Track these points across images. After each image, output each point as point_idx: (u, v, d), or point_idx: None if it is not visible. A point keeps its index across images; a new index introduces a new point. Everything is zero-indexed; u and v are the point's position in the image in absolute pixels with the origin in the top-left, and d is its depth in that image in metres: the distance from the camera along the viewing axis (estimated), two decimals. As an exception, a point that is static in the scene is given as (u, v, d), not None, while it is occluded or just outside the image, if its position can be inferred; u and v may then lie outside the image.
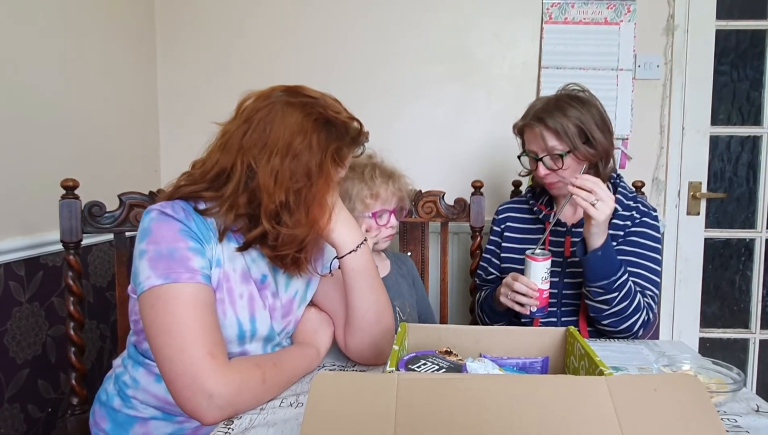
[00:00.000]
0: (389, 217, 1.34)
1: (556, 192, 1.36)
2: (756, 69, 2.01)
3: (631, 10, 1.90)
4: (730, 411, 0.86)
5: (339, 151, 0.95)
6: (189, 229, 0.90)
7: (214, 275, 0.92)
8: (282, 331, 1.04)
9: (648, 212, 1.36)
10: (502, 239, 1.47)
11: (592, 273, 1.22)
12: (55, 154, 1.51)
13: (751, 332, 2.07)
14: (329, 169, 0.93)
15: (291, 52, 1.99)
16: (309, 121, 0.92)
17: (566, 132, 1.27)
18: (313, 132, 0.92)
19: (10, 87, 1.36)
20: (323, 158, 0.92)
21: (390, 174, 1.35)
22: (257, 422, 0.83)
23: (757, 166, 2.03)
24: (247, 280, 0.98)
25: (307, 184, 0.91)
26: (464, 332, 0.99)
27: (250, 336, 0.97)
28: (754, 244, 2.05)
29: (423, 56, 1.97)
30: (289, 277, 1.05)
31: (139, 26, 1.93)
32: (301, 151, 0.91)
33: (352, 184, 1.31)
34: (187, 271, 0.86)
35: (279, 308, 1.03)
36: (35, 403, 1.44)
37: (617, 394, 0.58)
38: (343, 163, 0.97)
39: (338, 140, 0.95)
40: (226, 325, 0.93)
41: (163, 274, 0.85)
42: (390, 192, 1.33)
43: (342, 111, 0.97)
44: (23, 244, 1.38)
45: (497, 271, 1.47)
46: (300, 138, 0.91)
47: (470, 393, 0.59)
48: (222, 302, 0.92)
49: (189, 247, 0.88)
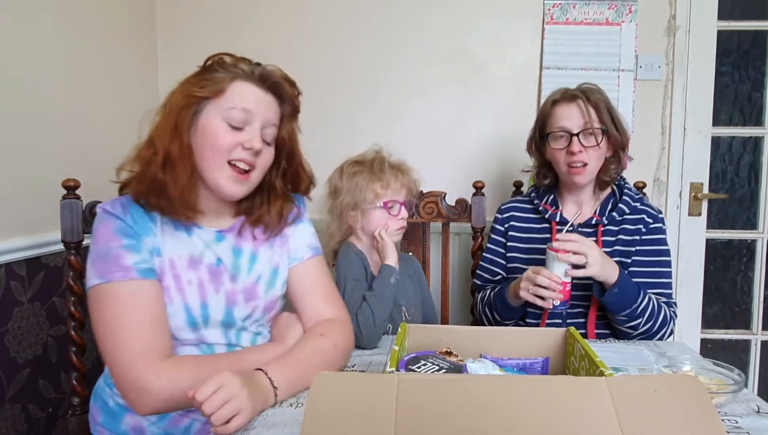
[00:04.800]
0: (400, 208, 1.34)
1: (579, 178, 1.32)
2: (758, 69, 2.01)
3: (633, 10, 1.90)
4: (730, 412, 0.86)
5: (195, 80, 0.97)
6: (125, 224, 0.93)
7: (156, 265, 0.94)
8: (248, 317, 1.03)
9: (657, 216, 1.35)
10: (507, 239, 1.45)
11: (614, 308, 1.23)
12: (57, 154, 1.51)
13: (752, 333, 2.06)
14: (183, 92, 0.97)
15: (292, 53, 1.99)
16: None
17: (607, 109, 1.30)
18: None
19: (11, 87, 1.37)
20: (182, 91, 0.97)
21: (398, 166, 1.36)
22: (257, 422, 0.83)
23: (758, 166, 2.03)
24: (196, 265, 0.98)
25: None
26: (464, 333, 0.99)
27: (203, 322, 0.97)
28: (755, 245, 2.04)
29: (424, 57, 1.97)
30: (252, 260, 1.04)
31: (140, 27, 1.93)
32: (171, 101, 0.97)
33: (362, 177, 1.31)
34: (119, 269, 0.90)
35: (240, 292, 1.01)
36: (36, 402, 1.44)
37: (617, 394, 0.58)
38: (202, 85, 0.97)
39: (196, 76, 0.98)
40: (175, 311, 0.94)
41: (99, 274, 0.90)
42: (399, 183, 1.33)
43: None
44: (24, 244, 1.39)
45: (503, 271, 1.45)
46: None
47: (470, 393, 0.59)
48: (168, 289, 0.94)
49: (122, 245, 0.92)
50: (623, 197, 1.36)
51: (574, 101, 1.30)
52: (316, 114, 2.01)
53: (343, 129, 1.99)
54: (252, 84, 0.98)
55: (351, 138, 2.00)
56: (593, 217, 1.36)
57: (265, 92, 0.99)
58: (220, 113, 0.94)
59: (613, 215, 1.34)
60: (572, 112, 1.30)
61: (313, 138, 2.02)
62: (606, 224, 1.35)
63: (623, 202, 1.35)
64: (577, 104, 1.29)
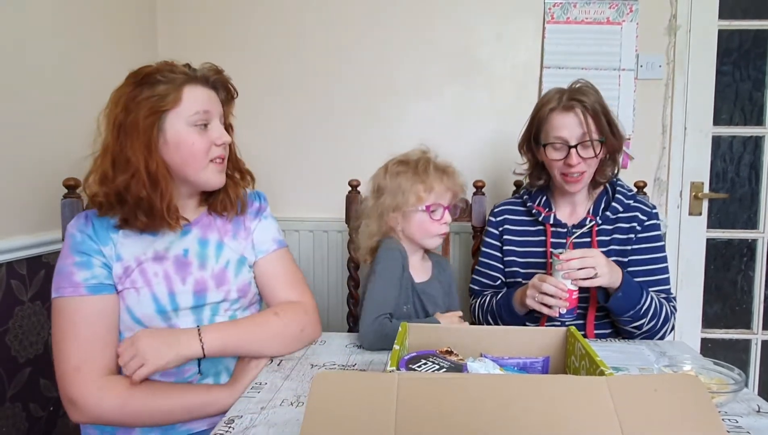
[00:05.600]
0: (443, 213, 1.28)
1: (573, 188, 1.31)
2: (758, 69, 2.01)
3: (633, 9, 1.90)
4: (731, 411, 0.86)
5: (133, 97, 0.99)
6: (82, 241, 0.99)
7: (116, 270, 1.00)
8: (223, 300, 1.08)
9: (651, 212, 1.34)
10: (503, 243, 1.43)
11: (618, 310, 1.22)
12: (57, 153, 1.51)
13: (753, 333, 2.06)
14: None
15: (293, 53, 1.99)
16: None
17: (603, 114, 1.27)
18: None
19: (11, 86, 1.37)
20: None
21: (444, 169, 1.29)
22: (258, 422, 0.83)
23: (759, 166, 2.03)
24: (161, 259, 1.04)
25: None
26: (465, 332, 0.99)
27: (173, 310, 1.03)
28: (756, 245, 2.04)
29: (425, 56, 1.97)
30: (218, 248, 1.10)
31: (140, 25, 1.93)
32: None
33: (405, 178, 1.26)
34: (70, 285, 0.97)
35: (210, 279, 1.07)
36: (37, 401, 1.44)
37: (618, 394, 0.58)
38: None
39: (138, 91, 1.00)
40: (143, 302, 1.01)
41: (55, 288, 0.98)
42: (444, 186, 1.27)
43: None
44: (25, 243, 1.39)
45: (502, 275, 1.43)
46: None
47: (471, 393, 0.59)
48: (134, 283, 1.01)
49: (74, 262, 0.99)
50: (616, 195, 1.34)
51: (572, 111, 1.27)
52: (315, 113, 2.02)
53: (343, 128, 1.99)
54: (199, 85, 1.04)
55: (351, 137, 2.01)
56: (587, 216, 1.35)
57: (210, 89, 1.06)
58: (185, 120, 1.00)
59: (607, 214, 1.33)
60: (570, 122, 1.27)
61: (314, 138, 2.04)
62: (600, 224, 1.33)
63: (617, 200, 1.34)
64: (575, 114, 1.26)
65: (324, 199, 1.98)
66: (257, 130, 1.99)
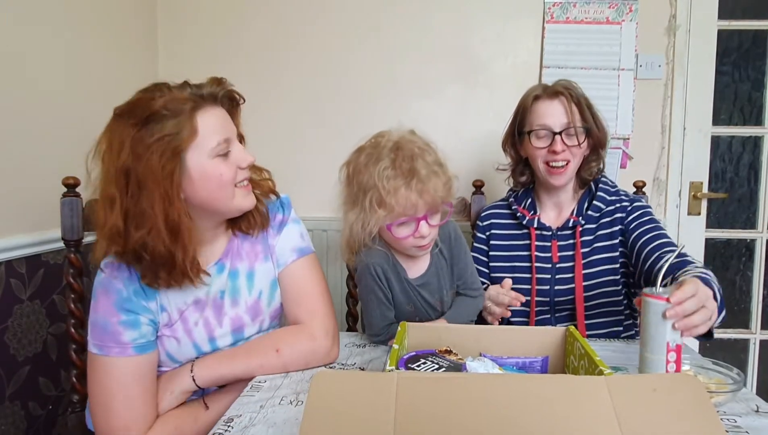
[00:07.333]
0: (416, 226, 1.04)
1: (558, 181, 1.29)
2: (758, 69, 2.01)
3: (633, 9, 1.90)
4: (729, 411, 0.86)
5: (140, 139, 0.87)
6: (127, 298, 0.94)
7: (162, 320, 0.99)
8: (257, 332, 1.09)
9: (633, 197, 1.33)
10: (489, 248, 1.41)
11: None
12: (57, 151, 1.50)
13: (751, 332, 2.07)
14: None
15: (294, 53, 1.98)
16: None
17: (588, 106, 1.27)
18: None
19: (11, 85, 1.37)
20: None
21: (414, 171, 1.01)
22: (257, 420, 0.83)
23: (758, 166, 2.03)
24: (201, 307, 1.02)
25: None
26: (464, 331, 0.99)
27: (212, 350, 1.04)
28: (754, 245, 2.05)
29: (425, 56, 1.97)
30: (249, 278, 1.07)
31: (141, 25, 1.93)
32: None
33: (364, 185, 1.03)
34: (117, 345, 0.93)
35: (244, 314, 1.07)
36: (36, 400, 1.44)
37: (617, 393, 0.58)
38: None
39: (144, 134, 0.88)
40: (183, 350, 1.01)
41: (97, 345, 0.94)
42: (415, 194, 1.00)
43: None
44: (25, 241, 1.39)
45: (488, 280, 1.39)
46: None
47: (470, 392, 0.59)
48: (175, 333, 1.00)
49: (120, 320, 0.93)
50: (598, 193, 1.32)
51: (557, 98, 1.27)
52: (316, 112, 2.02)
53: (343, 128, 1.99)
54: (208, 108, 0.94)
55: (351, 137, 2.00)
56: (570, 217, 1.32)
57: (220, 107, 0.97)
58: (207, 154, 0.91)
59: (590, 214, 1.31)
60: (555, 109, 1.26)
61: (316, 137, 2.04)
62: (584, 224, 1.31)
63: (599, 198, 1.31)
64: (560, 101, 1.26)
65: (324, 198, 1.98)
66: (257, 128, 1.97)
